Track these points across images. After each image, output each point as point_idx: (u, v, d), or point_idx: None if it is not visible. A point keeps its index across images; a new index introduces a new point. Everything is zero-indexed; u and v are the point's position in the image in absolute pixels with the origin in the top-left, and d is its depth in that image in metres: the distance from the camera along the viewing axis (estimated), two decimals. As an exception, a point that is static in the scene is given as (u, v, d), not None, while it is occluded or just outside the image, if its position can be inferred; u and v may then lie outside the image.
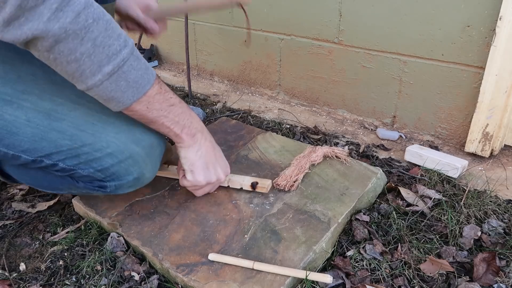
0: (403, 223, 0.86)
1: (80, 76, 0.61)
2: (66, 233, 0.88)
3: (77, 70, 0.59)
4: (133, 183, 0.77)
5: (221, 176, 0.83)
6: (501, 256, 0.77)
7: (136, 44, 1.73)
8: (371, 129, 1.36)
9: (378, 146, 1.24)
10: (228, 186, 0.91)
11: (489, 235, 0.83)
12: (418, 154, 1.10)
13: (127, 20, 0.98)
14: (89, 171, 0.73)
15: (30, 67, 0.73)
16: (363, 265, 0.76)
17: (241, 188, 0.90)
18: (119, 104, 0.66)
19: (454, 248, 0.79)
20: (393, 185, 0.98)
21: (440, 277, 0.73)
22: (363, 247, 0.79)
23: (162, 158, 0.81)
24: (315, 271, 0.71)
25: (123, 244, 0.81)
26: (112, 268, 0.77)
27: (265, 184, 0.89)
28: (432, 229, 0.85)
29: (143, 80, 0.64)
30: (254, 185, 0.89)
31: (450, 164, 1.04)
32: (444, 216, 0.88)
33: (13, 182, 0.91)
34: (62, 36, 0.54)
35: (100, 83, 0.61)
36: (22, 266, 0.80)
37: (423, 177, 1.03)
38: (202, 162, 0.78)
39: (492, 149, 1.15)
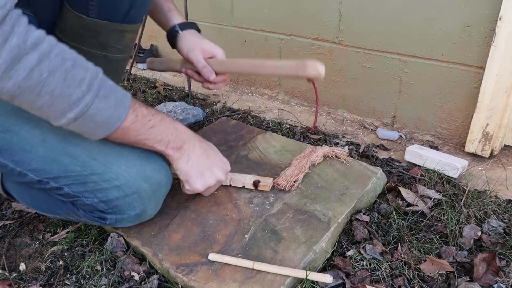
0: (403, 223, 0.86)
1: (47, 119, 0.61)
2: (66, 233, 0.88)
3: (41, 115, 0.59)
4: (134, 218, 0.76)
5: (220, 176, 0.81)
6: (501, 256, 0.77)
7: (136, 44, 1.73)
8: (371, 129, 1.36)
9: (378, 146, 1.24)
10: (230, 185, 0.91)
11: (489, 235, 0.83)
12: (418, 154, 1.10)
13: (187, 65, 0.97)
14: (93, 200, 0.72)
15: None
16: (363, 265, 0.76)
17: (243, 187, 0.90)
18: (92, 137, 0.66)
19: (454, 248, 0.79)
20: (393, 185, 0.98)
21: (440, 277, 0.73)
22: (363, 247, 0.79)
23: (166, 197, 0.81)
24: (315, 271, 0.71)
25: (123, 244, 0.81)
26: (112, 268, 0.77)
27: (267, 182, 0.89)
28: (432, 229, 0.85)
29: (111, 119, 0.63)
30: (256, 184, 0.89)
31: (450, 164, 1.04)
32: (444, 216, 0.88)
33: (11, 199, 0.90)
34: (16, 92, 0.54)
35: (67, 125, 0.61)
36: (22, 266, 0.80)
37: (423, 177, 1.03)
38: (195, 171, 0.77)
39: (492, 149, 1.15)
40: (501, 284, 0.71)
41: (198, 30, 0.98)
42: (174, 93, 1.69)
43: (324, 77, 0.80)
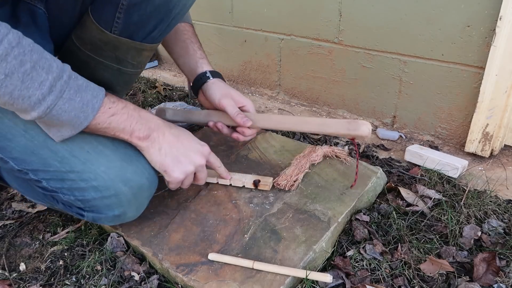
0: (403, 223, 0.86)
1: (16, 113, 0.62)
2: (66, 233, 0.88)
3: (10, 109, 0.61)
4: (113, 219, 0.74)
5: (199, 160, 0.76)
6: (501, 256, 0.77)
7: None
8: (371, 129, 1.36)
9: (378, 146, 1.24)
10: (230, 184, 0.91)
11: (489, 235, 0.83)
12: (418, 154, 1.10)
13: (215, 117, 0.94)
14: (69, 198, 0.72)
15: None
16: (363, 265, 0.76)
17: (243, 186, 0.90)
18: (59, 137, 0.66)
19: (454, 248, 0.79)
20: (393, 185, 0.98)
21: (440, 277, 0.73)
22: (363, 247, 0.79)
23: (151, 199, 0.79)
24: (315, 271, 0.71)
25: (123, 244, 0.81)
26: (112, 268, 0.77)
27: (267, 182, 0.89)
28: (432, 229, 0.85)
29: (77, 120, 0.63)
30: (256, 183, 0.89)
31: (450, 164, 1.04)
32: (444, 216, 0.88)
33: (6, 185, 0.91)
34: None
35: (35, 121, 0.62)
36: (22, 266, 0.80)
37: (423, 177, 1.03)
38: (170, 159, 0.73)
39: (492, 149, 1.15)
40: (501, 284, 0.71)
41: (225, 81, 0.96)
42: (174, 93, 1.69)
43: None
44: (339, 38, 1.36)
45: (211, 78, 0.92)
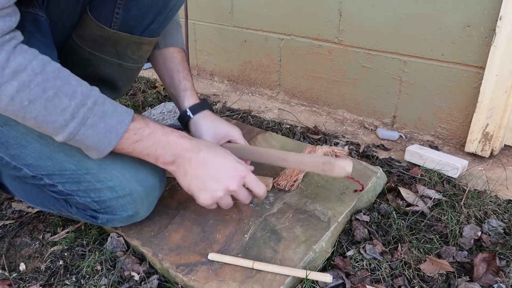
0: (403, 223, 0.86)
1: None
2: (66, 233, 0.88)
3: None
4: (126, 219, 0.76)
5: (228, 185, 0.72)
6: (501, 256, 0.77)
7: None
8: (371, 129, 1.36)
9: (378, 146, 1.24)
10: None
11: (489, 235, 0.83)
12: (418, 154, 1.10)
13: None
14: (85, 200, 0.73)
15: None
16: (363, 265, 0.75)
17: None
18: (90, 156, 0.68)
19: (454, 248, 0.79)
20: (393, 185, 0.98)
21: (440, 277, 0.73)
22: (363, 247, 0.79)
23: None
24: (315, 271, 0.71)
25: (123, 244, 0.81)
26: (112, 268, 0.77)
27: (267, 182, 0.89)
28: (432, 229, 0.85)
29: (101, 145, 0.64)
30: None
31: (450, 164, 1.04)
32: (444, 216, 0.88)
33: (6, 193, 0.91)
34: (7, 113, 0.58)
35: (63, 142, 0.63)
36: (22, 266, 0.80)
37: (423, 177, 1.03)
38: (196, 184, 0.72)
39: (492, 149, 1.15)
40: (501, 284, 0.71)
41: (211, 109, 0.95)
42: (174, 93, 1.68)
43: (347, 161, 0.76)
44: (339, 38, 1.36)
45: (192, 116, 0.91)
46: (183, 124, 0.93)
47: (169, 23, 0.89)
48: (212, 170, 0.71)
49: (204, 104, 0.93)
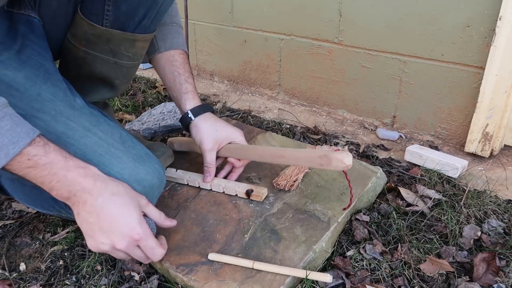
0: (403, 223, 0.86)
1: None
2: (66, 233, 0.88)
3: None
4: None
5: (116, 243, 0.65)
6: (501, 256, 0.77)
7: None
8: (371, 129, 1.36)
9: (378, 146, 1.24)
10: (224, 192, 0.90)
11: (489, 235, 0.83)
12: (418, 154, 1.10)
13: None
14: None
15: (52, 87, 0.73)
16: (363, 265, 0.76)
17: (236, 195, 0.89)
18: None
19: (454, 248, 0.79)
20: (393, 185, 0.98)
21: (440, 277, 0.73)
22: (363, 247, 0.79)
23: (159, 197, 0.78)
24: (315, 271, 0.71)
25: (123, 244, 0.81)
26: (112, 268, 0.77)
27: (260, 193, 0.87)
28: (432, 229, 0.85)
29: None
30: (249, 193, 0.87)
31: (450, 164, 1.04)
32: (444, 216, 0.88)
33: (6, 195, 0.90)
34: None
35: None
36: (22, 266, 0.80)
37: (423, 177, 1.03)
38: (85, 228, 0.66)
39: (492, 149, 1.15)
40: (501, 284, 0.71)
41: (213, 112, 0.95)
42: (174, 93, 1.68)
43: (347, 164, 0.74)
44: (339, 38, 1.36)
45: (193, 119, 0.91)
46: (185, 126, 0.93)
47: (162, 18, 0.88)
48: (104, 221, 0.65)
49: (205, 106, 0.93)
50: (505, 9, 0.99)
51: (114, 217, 0.66)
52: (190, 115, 0.91)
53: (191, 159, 1.04)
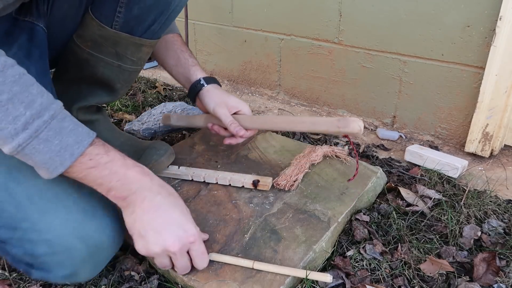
0: (403, 223, 0.86)
1: None
2: (66, 233, 0.87)
3: None
4: (62, 279, 0.65)
5: (169, 246, 0.63)
6: (501, 256, 0.77)
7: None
8: (371, 129, 1.36)
9: (378, 146, 1.24)
10: (230, 184, 0.91)
11: (489, 235, 0.83)
12: (418, 154, 1.10)
13: (213, 120, 0.96)
14: (17, 251, 0.64)
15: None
16: (363, 265, 0.76)
17: (243, 187, 0.90)
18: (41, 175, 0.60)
19: (454, 248, 0.79)
20: (393, 185, 0.98)
21: (440, 277, 0.73)
22: (363, 247, 0.79)
23: (111, 259, 0.71)
24: (315, 271, 0.71)
25: (123, 244, 0.81)
26: (112, 268, 0.77)
27: (266, 182, 0.89)
28: (432, 229, 0.85)
29: (52, 164, 0.57)
30: (255, 183, 0.89)
31: (450, 164, 1.04)
32: (444, 216, 0.88)
33: None
34: None
35: (11, 154, 0.56)
36: (22, 266, 0.80)
37: (423, 177, 1.03)
38: (137, 228, 0.64)
39: (492, 149, 1.15)
40: (501, 284, 0.71)
41: (219, 85, 0.97)
42: (174, 93, 1.69)
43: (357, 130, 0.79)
44: (339, 38, 1.36)
45: (206, 85, 0.93)
46: (194, 94, 0.95)
47: (170, 24, 0.88)
48: (160, 219, 0.64)
49: (213, 78, 0.97)
50: (505, 9, 0.99)
51: (170, 217, 0.65)
52: (203, 81, 0.93)
53: (191, 159, 1.04)
